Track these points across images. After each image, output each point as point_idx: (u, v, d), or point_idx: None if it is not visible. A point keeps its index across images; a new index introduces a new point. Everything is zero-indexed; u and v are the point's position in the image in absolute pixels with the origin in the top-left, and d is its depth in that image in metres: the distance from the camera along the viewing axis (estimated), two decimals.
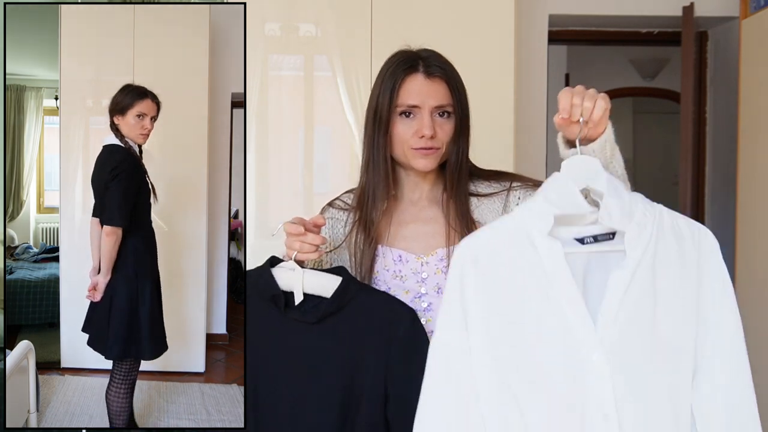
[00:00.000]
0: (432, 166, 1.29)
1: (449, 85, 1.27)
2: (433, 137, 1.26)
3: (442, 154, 1.29)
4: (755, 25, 2.49)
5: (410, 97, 1.27)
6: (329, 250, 1.36)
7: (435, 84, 1.27)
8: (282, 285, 1.19)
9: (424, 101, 1.26)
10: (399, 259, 1.31)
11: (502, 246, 1.02)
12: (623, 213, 0.99)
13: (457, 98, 1.28)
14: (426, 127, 1.25)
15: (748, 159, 2.54)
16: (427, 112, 1.26)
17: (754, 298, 2.48)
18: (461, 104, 1.29)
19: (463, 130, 1.29)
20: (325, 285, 1.18)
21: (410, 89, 1.27)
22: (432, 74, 1.27)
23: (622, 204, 1.00)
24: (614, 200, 0.99)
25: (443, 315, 1.05)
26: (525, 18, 2.64)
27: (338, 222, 1.38)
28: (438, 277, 1.30)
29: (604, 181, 1.01)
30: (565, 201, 1.01)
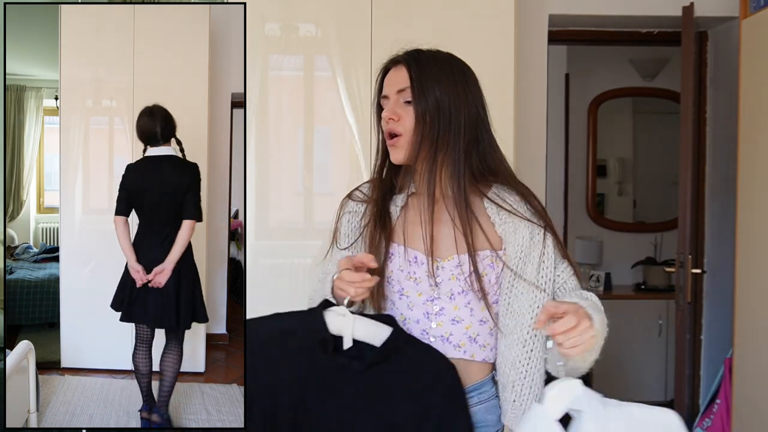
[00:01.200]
0: (402, 157, 1.28)
1: (409, 68, 1.27)
2: (394, 120, 1.26)
3: (409, 143, 1.27)
4: (755, 25, 2.49)
5: (384, 89, 1.31)
6: (348, 245, 1.37)
7: (398, 70, 1.29)
8: (332, 329, 1.22)
9: (388, 89, 1.30)
10: (414, 260, 1.30)
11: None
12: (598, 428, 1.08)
13: (418, 80, 1.25)
14: (387, 110, 1.28)
15: (748, 159, 2.53)
16: (393, 99, 1.29)
17: (754, 299, 2.48)
18: (426, 87, 1.25)
19: (431, 117, 1.25)
20: (374, 333, 1.20)
21: (384, 82, 1.32)
22: (397, 62, 1.30)
23: (597, 423, 1.09)
24: (592, 424, 1.09)
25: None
26: (525, 18, 2.64)
27: (357, 215, 1.38)
28: (452, 283, 1.28)
29: (584, 403, 1.10)
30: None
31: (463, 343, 1.29)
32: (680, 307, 2.72)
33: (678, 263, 2.74)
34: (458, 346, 1.29)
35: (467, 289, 1.28)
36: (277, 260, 2.26)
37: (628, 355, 4.00)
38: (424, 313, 1.30)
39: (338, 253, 1.38)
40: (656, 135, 4.71)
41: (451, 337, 1.29)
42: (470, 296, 1.29)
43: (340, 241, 1.39)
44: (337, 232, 1.41)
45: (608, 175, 4.71)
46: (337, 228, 1.41)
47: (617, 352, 3.94)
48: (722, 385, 2.75)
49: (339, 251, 1.38)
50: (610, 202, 4.71)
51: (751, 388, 2.51)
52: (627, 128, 4.76)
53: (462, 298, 1.29)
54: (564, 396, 1.10)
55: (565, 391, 1.11)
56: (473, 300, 1.29)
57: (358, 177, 2.26)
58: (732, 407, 2.64)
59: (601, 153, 4.62)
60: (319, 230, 2.29)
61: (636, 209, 4.75)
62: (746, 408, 2.56)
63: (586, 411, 1.10)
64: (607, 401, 1.11)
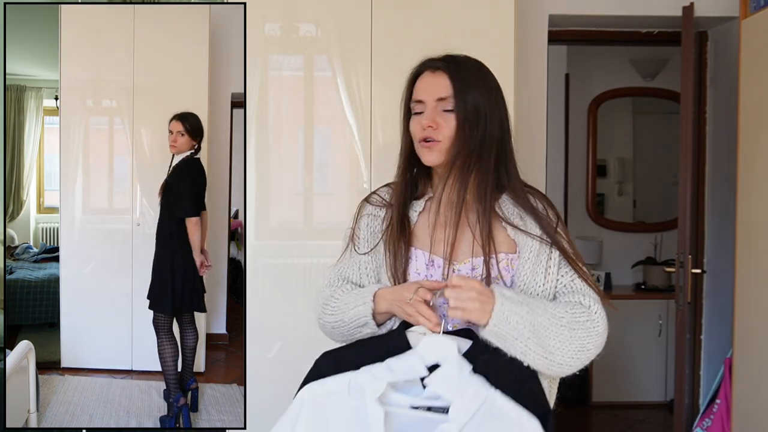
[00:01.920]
0: (436, 160, 1.30)
1: (451, 77, 1.28)
2: (433, 128, 1.27)
3: (446, 149, 1.29)
4: (755, 25, 2.49)
5: (418, 94, 1.31)
6: (368, 250, 1.37)
7: (438, 77, 1.29)
8: (426, 352, 1.22)
9: (427, 95, 1.30)
10: (431, 263, 1.31)
11: (340, 400, 1.15)
12: (454, 387, 1.13)
13: (461, 91, 1.27)
14: (426, 117, 1.28)
15: (748, 159, 2.53)
16: (431, 105, 1.29)
17: (754, 299, 2.48)
18: (467, 98, 1.27)
19: (470, 125, 1.27)
20: (460, 346, 1.21)
21: (419, 86, 1.32)
22: (436, 68, 1.30)
23: (458, 380, 1.14)
24: (450, 374, 1.15)
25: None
26: (525, 18, 2.64)
27: (376, 219, 1.39)
28: None
29: (453, 361, 1.16)
30: (403, 368, 1.16)
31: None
32: (680, 307, 2.72)
33: (678, 263, 2.74)
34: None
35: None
36: (277, 260, 2.26)
37: (628, 355, 4.01)
38: (442, 315, 1.30)
39: (357, 258, 1.39)
40: (656, 135, 4.71)
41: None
42: None
43: (359, 245, 1.40)
44: (355, 235, 1.41)
45: (608, 175, 4.71)
46: (354, 231, 1.42)
47: (617, 352, 3.94)
48: (722, 385, 2.75)
49: (357, 255, 1.39)
50: (610, 202, 4.71)
51: (751, 388, 2.51)
52: (627, 128, 4.75)
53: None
54: (436, 350, 1.17)
55: (439, 346, 1.18)
56: None
57: (358, 177, 2.26)
58: (732, 407, 2.64)
59: (601, 153, 4.62)
60: (319, 230, 2.29)
61: (636, 209, 4.75)
62: (746, 408, 2.56)
63: (447, 368, 1.15)
64: (475, 377, 1.16)
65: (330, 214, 2.32)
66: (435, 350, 1.18)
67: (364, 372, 1.16)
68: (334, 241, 2.23)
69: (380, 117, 2.24)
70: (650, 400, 4.07)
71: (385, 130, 2.24)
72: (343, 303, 1.36)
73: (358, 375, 1.16)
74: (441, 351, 1.18)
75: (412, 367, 1.15)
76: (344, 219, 2.24)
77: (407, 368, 1.16)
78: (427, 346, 1.18)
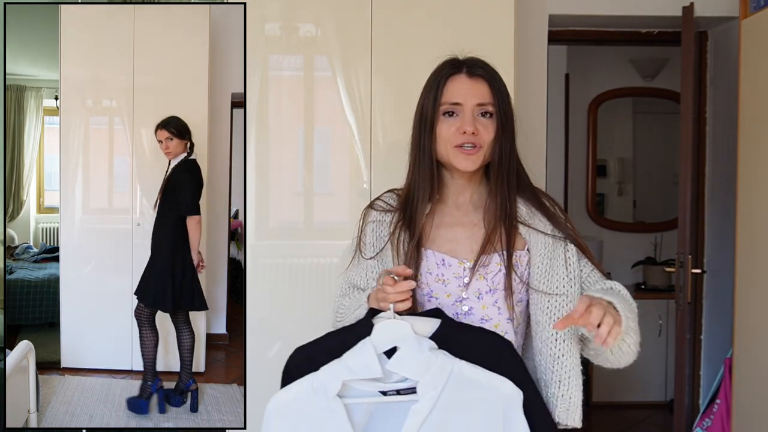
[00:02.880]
0: (474, 166, 1.30)
1: (491, 86, 1.30)
2: (474, 134, 1.28)
3: (484, 155, 1.30)
4: (755, 25, 2.49)
5: (453, 96, 1.30)
6: (374, 254, 1.38)
7: (477, 83, 1.30)
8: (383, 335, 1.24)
9: (466, 99, 1.29)
10: (442, 262, 1.32)
11: (309, 401, 1.18)
12: (418, 365, 1.15)
13: (499, 99, 1.30)
14: (467, 123, 1.28)
15: (748, 159, 2.53)
16: (470, 110, 1.29)
17: (754, 299, 2.48)
18: (503, 106, 1.30)
19: (505, 133, 1.31)
20: (424, 329, 1.22)
21: (453, 88, 1.30)
22: (474, 74, 1.31)
23: (420, 358, 1.15)
24: (410, 354, 1.16)
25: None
26: (525, 18, 2.64)
27: (382, 224, 1.39)
28: (479, 283, 1.31)
29: (411, 341, 1.17)
30: (360, 366, 1.17)
31: None
32: (680, 307, 2.72)
33: (678, 263, 2.74)
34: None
35: (494, 288, 1.31)
36: (277, 260, 2.26)
37: None
38: (454, 313, 1.32)
39: (363, 263, 1.40)
40: (656, 135, 4.71)
41: None
42: (497, 295, 1.32)
43: (365, 251, 1.40)
44: (361, 242, 1.42)
45: (608, 175, 4.71)
46: (360, 238, 1.42)
47: None
48: (722, 385, 2.75)
49: (364, 261, 1.40)
50: (610, 202, 4.71)
51: (751, 388, 2.51)
52: (627, 128, 4.76)
53: (489, 297, 1.32)
54: (389, 334, 1.19)
55: (391, 329, 1.19)
56: (500, 299, 1.32)
57: (358, 177, 2.26)
58: (732, 407, 2.64)
59: (601, 153, 4.62)
60: (319, 230, 2.29)
61: (636, 209, 4.75)
62: (746, 408, 2.56)
63: (406, 347, 1.17)
64: (437, 352, 1.16)
65: (330, 214, 2.32)
66: (389, 334, 1.19)
67: (323, 371, 1.19)
68: (334, 241, 2.25)
69: (380, 117, 2.24)
70: (650, 400, 4.07)
71: (385, 130, 2.24)
72: (346, 308, 1.39)
73: (319, 375, 1.19)
74: (395, 333, 1.19)
75: (368, 365, 1.17)
76: (344, 219, 2.26)
77: (363, 367, 1.17)
78: (379, 331, 1.20)
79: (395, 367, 1.16)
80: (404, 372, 1.16)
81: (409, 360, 1.16)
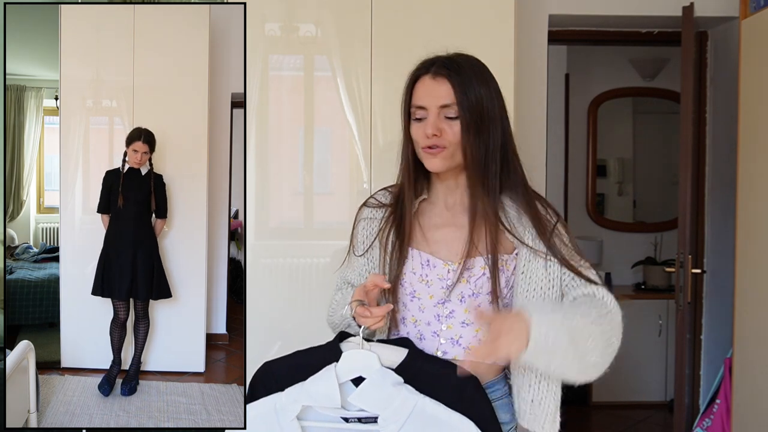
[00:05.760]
0: (440, 167, 1.29)
1: (453, 84, 1.26)
2: (437, 136, 1.26)
3: (452, 155, 1.28)
4: (755, 25, 2.49)
5: (418, 99, 1.29)
6: (363, 252, 1.38)
7: (440, 84, 1.27)
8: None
9: (430, 101, 1.27)
10: (427, 263, 1.31)
11: (270, 421, 1.20)
12: (379, 400, 1.16)
13: (464, 99, 1.25)
14: (429, 125, 1.26)
15: (748, 159, 2.53)
16: (434, 112, 1.27)
17: (754, 299, 2.48)
18: (470, 105, 1.25)
19: (476, 132, 1.26)
20: (391, 358, 1.22)
21: (419, 91, 1.29)
22: (437, 74, 1.27)
23: (382, 394, 1.17)
24: (373, 389, 1.17)
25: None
26: (525, 18, 2.64)
27: (372, 221, 1.39)
28: (462, 286, 1.30)
29: (375, 374, 1.19)
30: (320, 394, 1.19)
31: (472, 345, 1.30)
32: (680, 307, 2.72)
33: (678, 263, 2.74)
34: (468, 348, 1.30)
35: (477, 292, 1.29)
36: (277, 260, 2.26)
37: (628, 355, 3.97)
38: (435, 315, 1.31)
39: (355, 260, 1.41)
40: (656, 135, 4.71)
41: (461, 339, 1.31)
42: (480, 299, 1.30)
43: (357, 248, 1.41)
44: (354, 239, 1.43)
45: (608, 175, 4.71)
46: (354, 236, 1.43)
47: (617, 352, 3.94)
48: (722, 385, 2.75)
49: (356, 258, 1.41)
50: (610, 202, 4.71)
51: (751, 388, 2.51)
52: (627, 128, 4.76)
53: (472, 301, 1.30)
54: (355, 363, 1.21)
55: (357, 359, 1.21)
56: (483, 303, 1.30)
57: (358, 177, 2.26)
58: (732, 407, 2.64)
59: (601, 153, 4.62)
60: (319, 230, 2.29)
61: (636, 209, 4.75)
62: (746, 408, 2.56)
63: (370, 382, 1.18)
64: (401, 387, 1.17)
65: (330, 214, 2.32)
66: (354, 364, 1.20)
67: (286, 393, 1.21)
68: (334, 241, 2.26)
69: (380, 117, 2.24)
70: (650, 400, 4.07)
71: (385, 130, 2.24)
72: (337, 304, 1.41)
73: (281, 396, 1.21)
74: (361, 363, 1.20)
75: (328, 394, 1.18)
76: (344, 219, 2.26)
77: (323, 395, 1.19)
78: (345, 360, 1.21)
79: (357, 401, 1.18)
80: (366, 406, 1.18)
81: (372, 395, 1.17)
